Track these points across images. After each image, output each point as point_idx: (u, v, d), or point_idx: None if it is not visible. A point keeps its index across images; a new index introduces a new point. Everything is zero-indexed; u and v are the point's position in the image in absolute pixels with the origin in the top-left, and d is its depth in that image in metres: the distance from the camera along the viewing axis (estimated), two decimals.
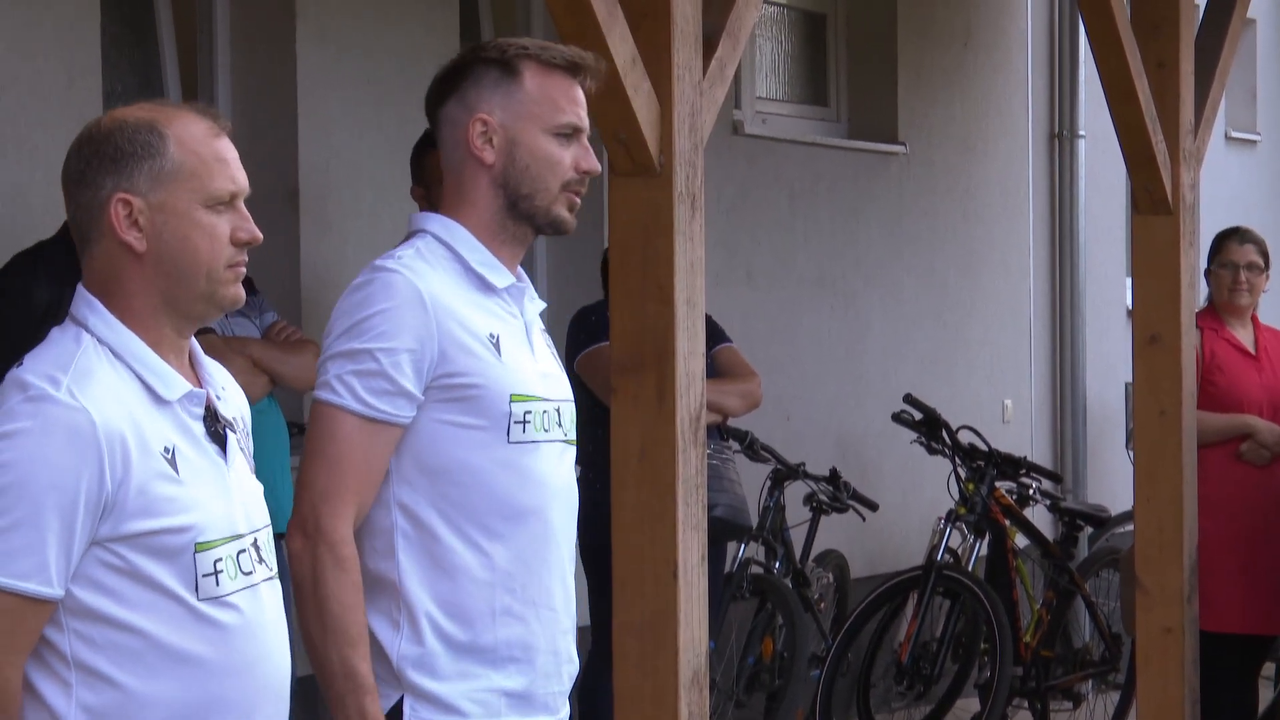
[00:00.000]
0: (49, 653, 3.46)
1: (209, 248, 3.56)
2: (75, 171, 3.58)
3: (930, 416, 10.06)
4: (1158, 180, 9.22)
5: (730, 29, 6.42)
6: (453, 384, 4.17)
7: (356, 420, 4.14)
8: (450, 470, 4.18)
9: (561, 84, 4.31)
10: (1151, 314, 9.31)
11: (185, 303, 3.59)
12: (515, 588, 4.22)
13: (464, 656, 4.20)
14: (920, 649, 9.85)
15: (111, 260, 3.56)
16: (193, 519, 3.51)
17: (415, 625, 4.19)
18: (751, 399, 8.64)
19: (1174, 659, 9.20)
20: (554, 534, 4.27)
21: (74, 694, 3.47)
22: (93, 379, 3.48)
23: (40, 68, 7.42)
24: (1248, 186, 14.80)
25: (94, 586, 3.46)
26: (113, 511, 3.45)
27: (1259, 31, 15.01)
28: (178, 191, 3.54)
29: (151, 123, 3.57)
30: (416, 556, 4.19)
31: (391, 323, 4.15)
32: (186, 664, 3.51)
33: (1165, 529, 9.20)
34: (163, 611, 3.49)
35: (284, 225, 8.48)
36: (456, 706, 4.20)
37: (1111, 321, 13.15)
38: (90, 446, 3.42)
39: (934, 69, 12.11)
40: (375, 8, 8.84)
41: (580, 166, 4.31)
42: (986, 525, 10.04)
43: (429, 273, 4.22)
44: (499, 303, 4.29)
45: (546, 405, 4.26)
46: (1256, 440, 9.42)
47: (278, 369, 7.38)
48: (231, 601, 3.56)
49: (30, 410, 3.43)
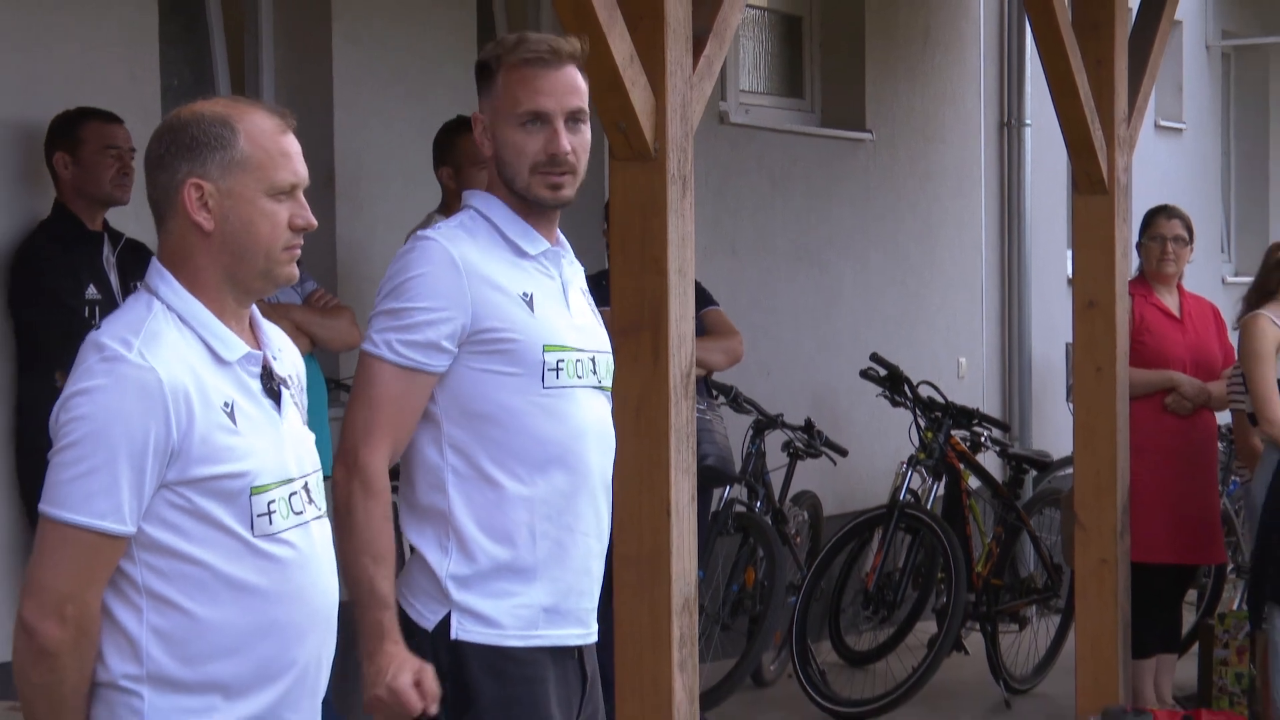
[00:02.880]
0: (123, 582, 3.49)
1: (269, 231, 3.59)
2: (155, 156, 3.61)
3: (894, 373, 10.05)
4: (1095, 164, 9.21)
5: (717, 30, 6.40)
6: (490, 338, 4.19)
7: (392, 369, 4.19)
8: (492, 413, 4.21)
9: (526, 76, 4.28)
10: (1089, 282, 9.30)
11: (245, 278, 3.61)
12: (551, 514, 4.24)
13: (504, 575, 4.22)
14: (884, 578, 9.84)
15: (182, 237, 3.59)
16: (248, 465, 3.53)
17: (463, 548, 4.22)
18: (734, 355, 8.64)
19: (1108, 587, 9.20)
20: (587, 468, 4.28)
21: (145, 618, 3.49)
22: (161, 341, 3.50)
23: (105, 64, 7.40)
24: (1174, 169, 14.79)
25: (162, 524, 3.49)
26: (178, 458, 3.47)
27: (1184, 32, 14.99)
28: (245, 180, 3.57)
29: (225, 117, 3.59)
30: (464, 489, 4.22)
31: (426, 284, 4.19)
32: (244, 592, 3.53)
33: (1101, 472, 9.20)
34: (223, 546, 3.52)
35: (322, 206, 8.45)
36: (497, 620, 4.22)
37: (1054, 289, 13.14)
38: (158, 401, 3.45)
39: (897, 65, 12.10)
40: (402, 12, 8.82)
41: (546, 150, 4.27)
42: (943, 469, 10.03)
43: (467, 241, 4.26)
44: (536, 265, 4.29)
45: (580, 355, 4.27)
46: (1180, 393, 9.42)
47: (316, 332, 7.37)
48: (284, 538, 3.59)
49: (105, 369, 3.46)
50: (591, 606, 4.35)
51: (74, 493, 3.43)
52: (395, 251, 8.32)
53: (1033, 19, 8.95)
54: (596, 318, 4.45)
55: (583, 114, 4.30)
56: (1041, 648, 10.32)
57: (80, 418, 3.44)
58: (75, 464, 3.43)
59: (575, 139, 4.28)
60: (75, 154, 6.88)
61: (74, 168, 6.89)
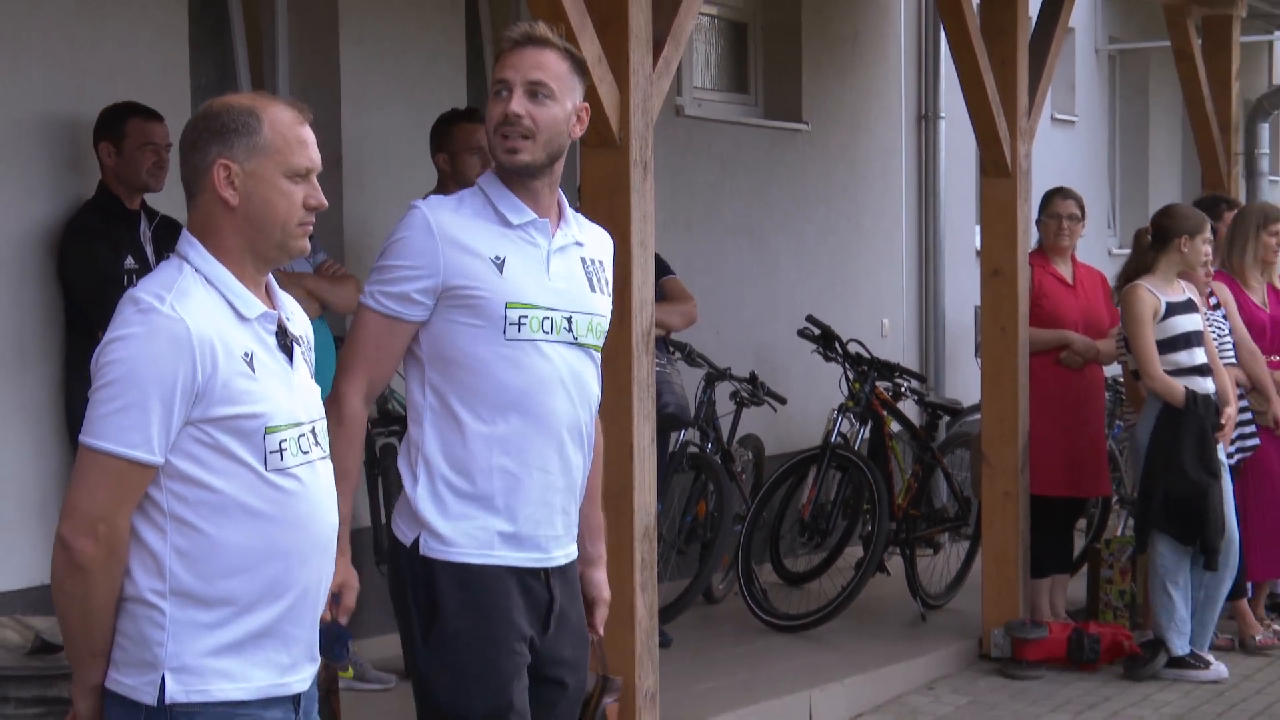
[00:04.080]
0: (150, 506, 3.48)
1: (286, 208, 3.58)
2: (189, 140, 3.61)
3: (826, 332, 10.05)
4: (1000, 151, 9.23)
5: (673, 34, 6.40)
6: (459, 293, 4.17)
7: (374, 315, 4.23)
8: (460, 359, 4.20)
9: (503, 56, 4.29)
10: (994, 254, 9.33)
11: (263, 248, 3.60)
12: (510, 451, 4.20)
13: (464, 501, 4.21)
14: (818, 509, 9.85)
15: (210, 210, 3.58)
16: (264, 408, 3.52)
17: (430, 477, 4.22)
18: (690, 317, 8.64)
19: (1011, 516, 9.25)
20: (548, 413, 4.23)
21: (169, 539, 3.49)
22: (189, 298, 3.49)
23: (141, 63, 7.37)
24: (1068, 156, 14.80)
25: (187, 456, 3.48)
26: (202, 399, 3.46)
27: (1077, 38, 14.99)
28: (266, 163, 3.56)
29: (252, 108, 3.59)
30: (436, 425, 4.22)
31: (405, 246, 4.21)
32: (256, 519, 3.52)
33: (1004, 418, 9.24)
34: (239, 477, 3.51)
35: (330, 186, 8.33)
36: (455, 540, 4.21)
37: (964, 259, 13.14)
38: (185, 348, 3.43)
39: (829, 65, 12.08)
40: (401, 17, 8.79)
41: (501, 112, 4.22)
42: (869, 415, 10.04)
43: (449, 210, 4.24)
44: (520, 234, 4.25)
45: (550, 313, 4.23)
46: (1073, 350, 9.46)
47: (326, 297, 7.35)
48: (293, 473, 3.57)
49: (140, 319, 3.45)
50: (553, 535, 4.30)
51: (110, 426, 3.42)
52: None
53: (946, 25, 8.97)
54: (590, 284, 4.35)
55: (544, 87, 4.20)
56: (953, 569, 10.35)
57: (117, 360, 3.43)
58: (112, 400, 3.42)
59: (535, 107, 4.20)
60: (118, 145, 6.86)
61: (116, 157, 6.87)
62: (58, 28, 7.06)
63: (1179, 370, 8.74)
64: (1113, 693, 8.74)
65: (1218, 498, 8.75)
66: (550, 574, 4.31)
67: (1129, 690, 8.78)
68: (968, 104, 9.13)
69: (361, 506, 8.18)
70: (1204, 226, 8.95)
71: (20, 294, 6.87)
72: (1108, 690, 8.78)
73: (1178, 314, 8.78)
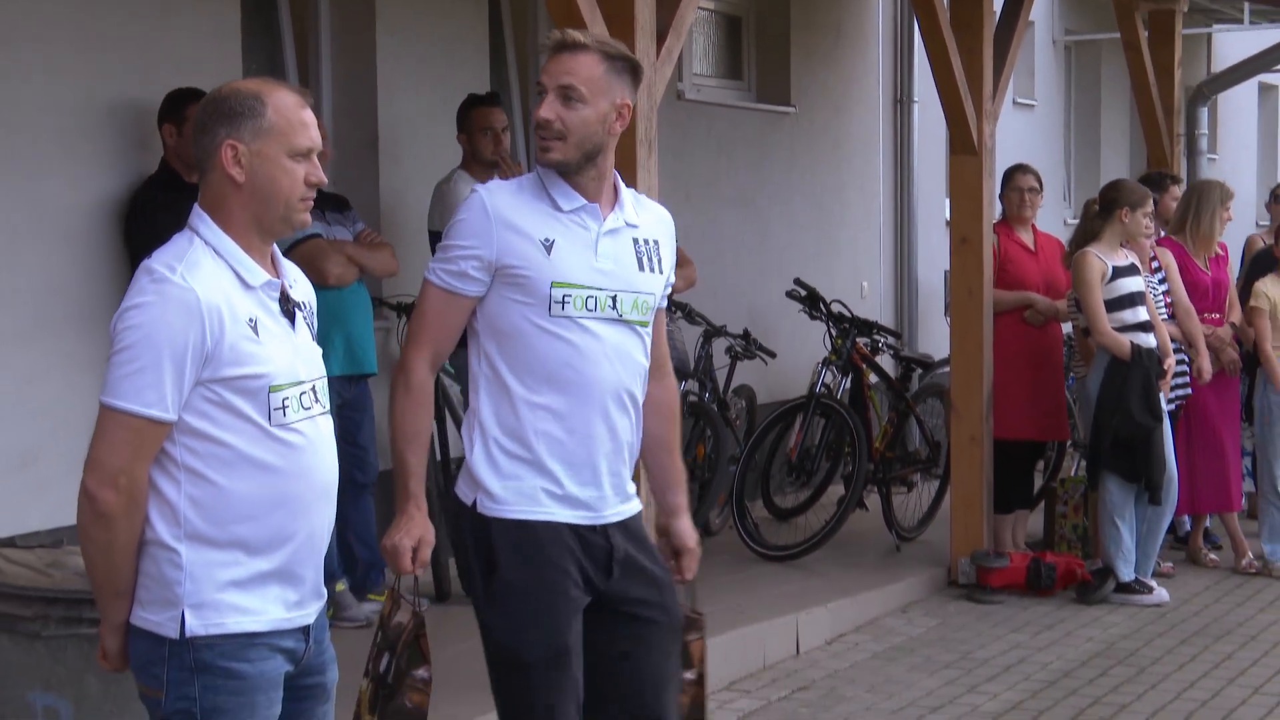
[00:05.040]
0: (166, 460, 3.44)
1: (289, 185, 3.52)
2: (200, 123, 3.55)
3: (812, 293, 10.04)
4: (967, 131, 9.20)
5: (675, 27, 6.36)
6: (510, 272, 4.07)
7: (437, 291, 4.13)
8: (510, 332, 4.10)
9: (546, 61, 4.16)
10: (962, 223, 9.31)
11: (268, 221, 3.54)
12: (553, 418, 4.10)
13: (515, 463, 4.11)
14: (804, 452, 9.85)
15: (219, 187, 3.53)
16: (267, 369, 3.47)
17: (485, 441, 4.12)
18: (690, 280, 8.61)
19: (977, 458, 9.25)
20: (592, 382, 4.12)
21: (183, 489, 3.45)
22: (199, 269, 3.45)
23: (198, 54, 7.34)
24: (1028, 136, 14.76)
25: (198, 413, 3.43)
26: (211, 361, 3.41)
27: (1036, 30, 14.94)
28: (270, 143, 3.50)
29: (257, 92, 3.52)
30: (490, 392, 4.13)
31: (464, 228, 4.11)
32: (262, 470, 3.48)
33: (971, 370, 9.24)
34: (246, 432, 3.47)
35: (368, 163, 8.43)
36: (508, 499, 4.11)
37: (935, 228, 13.12)
38: (195, 315, 3.39)
39: (816, 54, 12.04)
40: (431, 12, 8.76)
41: (534, 121, 4.15)
42: (850, 368, 10.03)
43: (507, 194, 4.13)
44: (571, 218, 4.13)
45: (593, 292, 4.11)
46: (1036, 309, 9.44)
47: (364, 262, 7.34)
48: (296, 428, 3.53)
49: (155, 289, 3.41)
50: (599, 495, 4.17)
51: (127, 386, 3.38)
52: (426, 198, 8.39)
53: (919, 18, 8.94)
54: (639, 264, 4.22)
55: (574, 91, 4.08)
56: (924, 505, 10.35)
57: (134, 326, 3.39)
58: (128, 363, 3.38)
59: (565, 111, 4.08)
60: (179, 127, 6.83)
61: (177, 138, 6.84)
62: (129, 23, 7.05)
63: (1124, 327, 8.73)
64: (1067, 615, 8.75)
65: (1160, 440, 8.76)
66: (607, 528, 4.20)
67: (1081, 613, 8.79)
68: (938, 89, 9.10)
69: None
70: (1145, 200, 8.92)
71: (91, 259, 6.86)
72: (1062, 613, 8.79)
73: (1122, 277, 8.77)
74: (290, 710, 3.59)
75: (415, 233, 8.22)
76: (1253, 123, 20.81)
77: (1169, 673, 7.62)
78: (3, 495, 6.52)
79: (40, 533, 6.29)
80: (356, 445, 7.39)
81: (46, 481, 6.55)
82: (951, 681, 7.47)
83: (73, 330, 6.75)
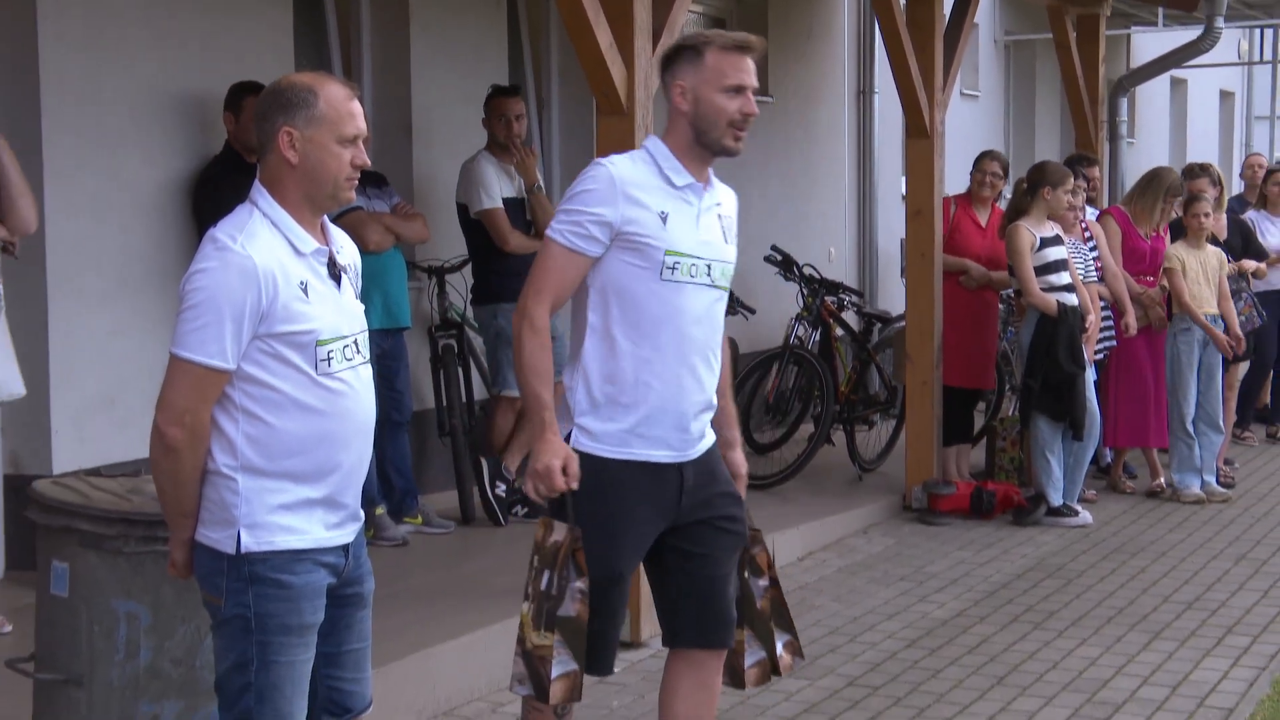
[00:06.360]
0: (227, 402, 3.44)
1: (336, 167, 3.51)
2: (260, 111, 3.53)
3: (787, 258, 10.01)
4: (921, 118, 9.16)
5: (669, 26, 6.33)
6: (630, 238, 3.98)
7: (559, 248, 4.00)
8: (621, 291, 4.00)
9: (734, 59, 4.05)
10: (917, 198, 9.28)
11: (318, 198, 3.53)
12: (650, 367, 4.02)
13: (610, 406, 4.03)
14: (779, 395, 9.84)
15: (277, 167, 3.52)
16: (315, 325, 3.46)
17: (587, 384, 4.03)
18: None
19: (927, 401, 9.24)
20: (685, 339, 4.04)
21: (240, 427, 3.45)
22: (257, 238, 3.44)
23: (255, 49, 7.30)
24: (973, 123, 14.71)
25: (254, 363, 3.43)
26: (266, 318, 3.41)
27: (980, 31, 14.88)
28: (321, 130, 3.48)
29: (310, 85, 3.51)
30: (595, 341, 4.04)
31: (591, 195, 3.98)
32: (309, 412, 3.47)
33: (923, 324, 9.22)
34: (295, 379, 3.46)
35: (403, 147, 8.39)
36: (599, 435, 4.03)
37: (893, 202, 13.09)
38: (252, 279, 3.38)
39: (790, 50, 11.98)
40: (459, 12, 8.70)
41: (741, 111, 4.07)
42: (819, 322, 10.01)
43: (629, 168, 4.03)
44: (680, 194, 4.06)
45: (696, 261, 4.05)
46: (970, 275, 9.43)
47: (400, 231, 7.31)
48: (339, 376, 3.52)
49: (218, 255, 3.41)
50: (686, 438, 4.10)
51: (193, 340, 3.38)
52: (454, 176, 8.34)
53: (880, 20, 8.89)
54: (725, 236, 4.22)
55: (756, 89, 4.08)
56: (883, 441, 10.34)
57: (199, 288, 3.38)
58: (195, 320, 3.38)
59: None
60: (238, 116, 6.79)
61: (236, 125, 6.81)
62: (195, 21, 7.00)
63: (1051, 288, 8.72)
64: (1005, 535, 8.75)
65: (1082, 385, 8.77)
66: (682, 465, 4.11)
67: (1017, 533, 8.79)
68: (896, 81, 9.05)
69: (426, 392, 8.16)
70: (1066, 179, 8.92)
71: (163, 231, 6.83)
72: (1001, 534, 8.80)
73: (1048, 246, 8.77)
74: (333, 615, 3.60)
75: (444, 205, 8.19)
76: (1165, 111, 20.80)
77: (1092, 584, 7.63)
78: (90, 432, 6.52)
79: (122, 463, 6.29)
80: (394, 389, 7.38)
81: (126, 420, 6.55)
82: (905, 592, 7.48)
83: (149, 290, 6.73)
